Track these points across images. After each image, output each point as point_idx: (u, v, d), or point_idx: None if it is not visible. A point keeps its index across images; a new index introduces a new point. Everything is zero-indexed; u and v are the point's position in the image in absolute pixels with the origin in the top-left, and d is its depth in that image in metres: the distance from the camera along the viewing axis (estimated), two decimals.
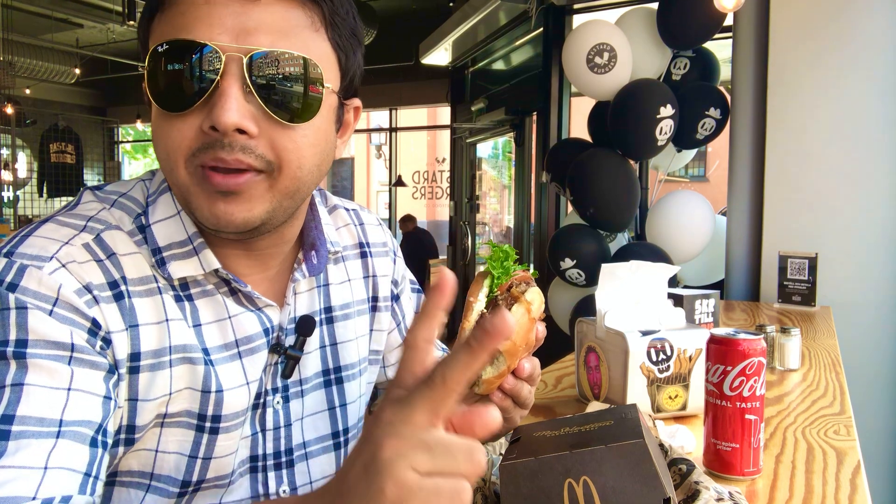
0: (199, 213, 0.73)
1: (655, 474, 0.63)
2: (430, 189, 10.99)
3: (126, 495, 0.78)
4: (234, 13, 0.70)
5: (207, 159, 0.70)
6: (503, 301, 0.73)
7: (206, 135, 0.70)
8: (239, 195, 0.72)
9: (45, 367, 0.65)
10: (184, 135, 0.71)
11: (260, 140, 0.71)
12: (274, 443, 0.87)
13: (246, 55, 0.69)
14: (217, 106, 0.69)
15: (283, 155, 0.73)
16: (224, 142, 0.69)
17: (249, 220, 0.73)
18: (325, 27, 0.76)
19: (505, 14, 6.05)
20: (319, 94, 0.74)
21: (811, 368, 1.63)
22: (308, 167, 0.76)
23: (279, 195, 0.75)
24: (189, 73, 0.69)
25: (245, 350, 0.82)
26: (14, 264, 0.68)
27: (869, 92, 2.75)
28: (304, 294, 0.90)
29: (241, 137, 0.70)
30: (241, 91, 0.70)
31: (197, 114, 0.70)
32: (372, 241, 1.03)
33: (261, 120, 0.71)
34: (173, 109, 0.71)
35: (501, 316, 0.47)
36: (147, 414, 0.75)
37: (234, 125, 0.69)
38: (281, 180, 0.74)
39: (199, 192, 0.72)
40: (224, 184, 0.71)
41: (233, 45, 0.69)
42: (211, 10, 0.70)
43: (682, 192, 3.38)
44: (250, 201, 0.73)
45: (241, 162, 0.70)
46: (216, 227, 0.74)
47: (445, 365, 0.48)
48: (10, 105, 8.67)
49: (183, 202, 0.75)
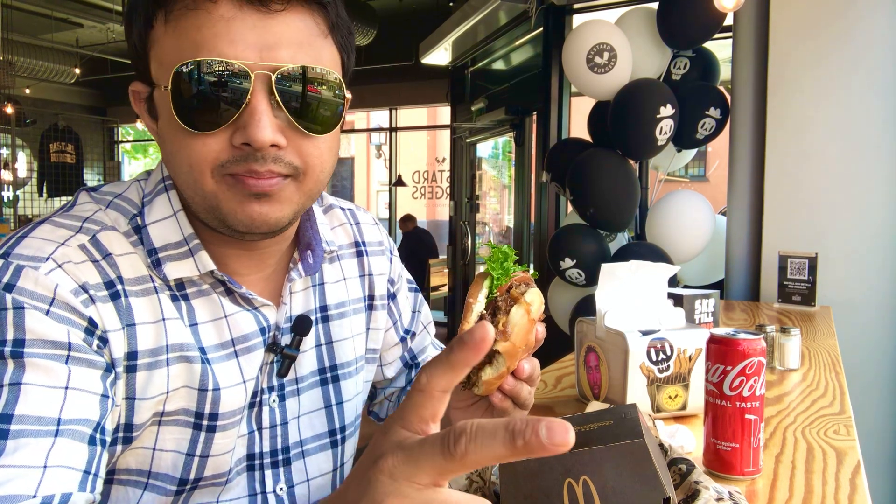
0: (232, 216, 0.74)
1: (655, 474, 0.63)
2: (430, 189, 10.99)
3: (124, 493, 0.78)
4: (253, 28, 0.71)
5: (240, 170, 0.72)
6: (503, 302, 0.73)
7: (237, 149, 0.72)
8: (271, 196, 0.74)
9: (43, 367, 0.65)
10: (210, 148, 0.72)
11: (287, 150, 0.74)
12: (271, 441, 0.87)
13: (273, 72, 0.71)
14: (251, 124, 0.70)
15: (309, 161, 0.76)
16: (257, 155, 0.72)
17: (281, 219, 0.76)
18: (331, 32, 0.77)
19: (505, 14, 6.05)
20: (341, 102, 0.77)
21: (811, 368, 1.63)
22: (329, 170, 0.80)
23: (304, 196, 0.78)
24: (218, 92, 0.70)
25: (241, 349, 0.82)
26: (11, 265, 0.68)
27: (869, 92, 2.75)
28: (299, 293, 0.90)
29: (273, 150, 0.72)
30: (270, 107, 0.72)
31: (226, 130, 0.72)
32: (368, 240, 1.03)
33: (288, 131, 0.73)
34: (201, 129, 0.71)
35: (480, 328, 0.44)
36: (144, 412, 0.75)
37: (270, 142, 0.71)
38: (306, 183, 0.77)
39: (230, 198, 0.74)
40: (258, 185, 0.73)
41: (259, 62, 0.70)
42: (230, 25, 0.70)
43: (682, 192, 3.38)
44: (281, 202, 0.75)
45: (273, 172, 0.73)
46: (249, 228, 0.75)
47: (475, 440, 0.40)
48: (10, 105, 8.66)
49: (209, 209, 0.76)
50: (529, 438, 0.38)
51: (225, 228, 0.77)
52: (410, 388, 0.46)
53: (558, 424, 0.38)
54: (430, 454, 0.41)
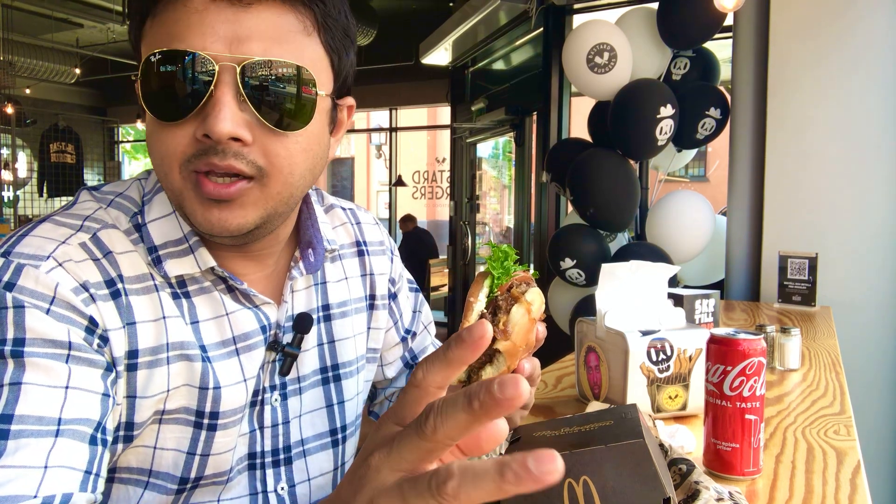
0: (193, 218, 0.74)
1: (655, 474, 0.63)
2: (430, 189, 10.98)
3: (124, 492, 0.78)
4: (226, 21, 0.70)
5: (201, 165, 0.71)
6: (503, 301, 0.73)
7: (199, 142, 0.70)
8: (232, 202, 0.73)
9: (43, 366, 0.65)
10: (178, 141, 0.71)
11: (253, 147, 0.72)
12: (272, 440, 0.87)
13: (239, 64, 0.69)
14: (211, 115, 0.69)
15: (274, 161, 0.73)
16: (217, 148, 0.70)
17: (243, 225, 0.74)
18: (317, 31, 0.75)
19: (505, 14, 6.05)
20: (313, 100, 0.74)
21: (811, 368, 1.63)
22: (299, 172, 0.76)
23: (272, 201, 0.75)
24: (183, 82, 0.69)
25: (242, 347, 0.82)
26: (11, 263, 0.68)
27: (869, 92, 2.75)
28: (301, 292, 0.91)
29: (235, 145, 0.71)
30: (235, 99, 0.70)
31: (191, 121, 0.71)
32: (369, 240, 1.03)
33: (254, 127, 0.72)
34: (167, 118, 0.71)
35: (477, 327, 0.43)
36: (145, 411, 0.75)
37: (229, 134, 0.69)
38: (272, 186, 0.74)
39: (192, 198, 0.73)
40: (216, 192, 0.71)
41: (226, 53, 0.69)
42: (203, 17, 0.70)
43: (682, 192, 3.38)
44: (244, 207, 0.73)
45: (233, 168, 0.71)
46: (210, 232, 0.74)
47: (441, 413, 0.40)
48: (10, 105, 8.66)
49: (177, 206, 0.76)
50: (484, 398, 0.38)
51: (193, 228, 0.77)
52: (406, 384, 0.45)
53: (509, 378, 0.38)
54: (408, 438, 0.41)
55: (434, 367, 0.44)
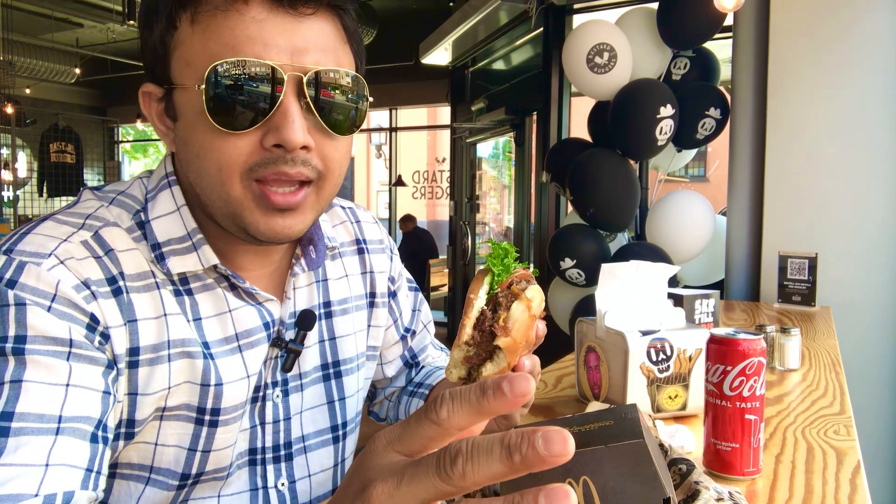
0: (254, 227, 0.76)
1: (655, 474, 0.63)
2: (430, 189, 10.98)
3: (126, 488, 0.78)
4: (283, 31, 0.72)
5: (269, 174, 0.73)
6: (504, 298, 0.74)
7: (266, 151, 0.73)
8: (296, 210, 0.76)
9: (44, 364, 0.65)
10: (240, 151, 0.73)
11: (314, 153, 0.75)
12: (273, 436, 0.87)
13: (304, 73, 0.72)
14: (283, 126, 0.71)
15: (329, 164, 0.77)
16: (287, 157, 0.73)
17: (304, 230, 0.78)
18: (348, 39, 0.79)
19: (505, 14, 6.05)
20: (365, 105, 0.79)
21: (811, 368, 1.63)
22: (344, 173, 0.81)
23: (323, 202, 0.80)
24: (252, 93, 0.71)
25: (245, 343, 0.83)
26: (13, 261, 0.69)
27: (869, 92, 2.75)
28: (303, 289, 0.91)
29: (302, 152, 0.74)
30: (301, 109, 0.73)
31: (256, 131, 0.73)
32: (368, 238, 1.04)
33: (314, 133, 0.75)
34: (233, 128, 0.72)
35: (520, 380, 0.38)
36: (146, 408, 0.75)
37: (302, 143, 0.72)
38: (325, 188, 0.78)
39: (254, 209, 0.75)
40: (286, 202, 0.74)
41: (290, 64, 0.72)
42: (262, 27, 0.71)
43: (682, 192, 3.38)
44: (304, 213, 0.77)
45: (302, 174, 0.74)
46: (271, 239, 0.77)
47: (473, 461, 0.36)
48: (10, 105, 8.66)
49: (231, 216, 0.76)
50: (526, 453, 0.36)
51: (244, 235, 0.77)
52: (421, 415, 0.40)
53: (556, 433, 0.36)
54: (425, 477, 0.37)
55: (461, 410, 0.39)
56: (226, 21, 0.71)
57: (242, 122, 0.72)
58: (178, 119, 0.77)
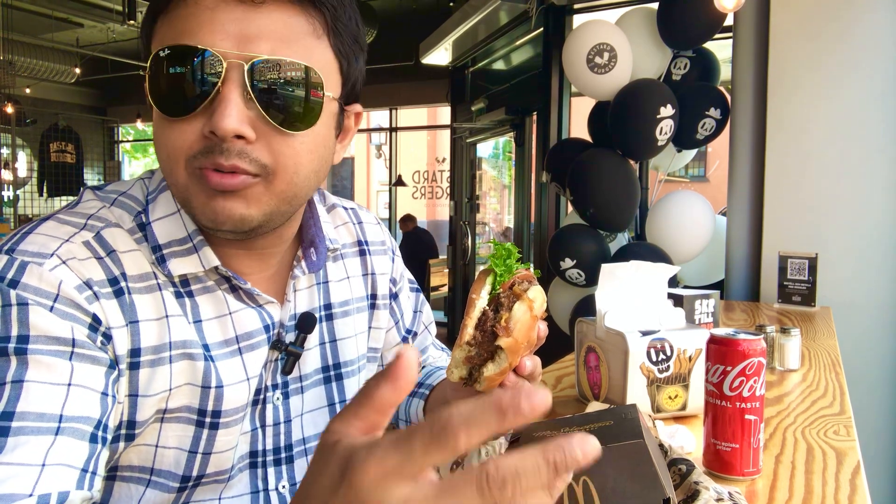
0: (198, 211, 0.74)
1: (655, 474, 0.63)
2: (430, 189, 10.98)
3: (126, 490, 0.78)
4: (236, 19, 0.70)
5: (206, 163, 0.71)
6: (505, 298, 0.74)
7: (206, 139, 0.71)
8: (236, 194, 0.73)
9: (46, 363, 0.65)
10: (185, 138, 0.72)
11: (257, 145, 0.72)
12: (273, 438, 0.87)
13: (247, 62, 0.70)
14: (217, 112, 0.69)
15: (279, 160, 0.74)
16: (222, 146, 0.70)
17: (247, 217, 0.74)
18: (327, 34, 0.76)
19: (505, 14, 6.05)
20: (319, 101, 0.75)
21: (811, 368, 1.63)
22: (305, 173, 0.77)
23: (276, 199, 0.75)
24: (191, 79, 0.70)
25: (245, 346, 0.82)
26: (15, 261, 0.69)
27: (869, 92, 2.75)
28: (303, 291, 0.91)
29: (239, 142, 0.71)
30: (242, 97, 0.71)
31: (199, 118, 0.71)
32: (370, 240, 1.03)
33: (260, 125, 0.72)
34: (174, 114, 0.71)
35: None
36: (147, 409, 0.75)
37: (234, 131, 0.70)
38: (277, 184, 0.75)
39: (197, 192, 0.73)
40: (220, 183, 0.72)
41: (234, 51, 0.70)
42: (214, 15, 0.70)
43: (682, 192, 3.38)
44: (247, 200, 0.74)
45: (236, 167, 0.71)
46: (214, 224, 0.74)
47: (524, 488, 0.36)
48: (10, 104, 8.66)
49: (182, 202, 0.76)
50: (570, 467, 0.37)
51: (198, 223, 0.77)
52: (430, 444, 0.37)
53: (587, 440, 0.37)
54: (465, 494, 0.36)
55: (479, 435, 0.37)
56: (184, 10, 0.71)
57: (184, 108, 0.71)
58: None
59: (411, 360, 0.41)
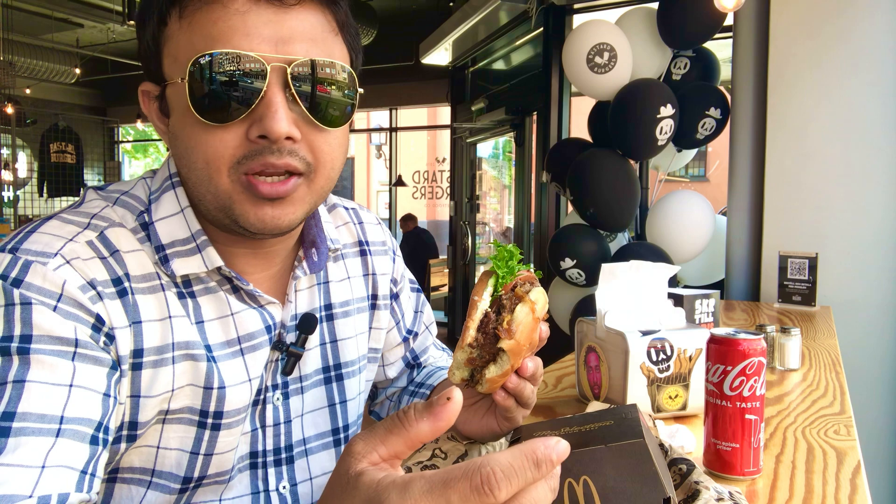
0: (244, 218, 0.75)
1: (655, 474, 0.63)
2: (430, 189, 10.98)
3: (127, 492, 0.78)
4: (268, 22, 0.72)
5: (255, 165, 0.72)
6: (507, 300, 0.74)
7: (252, 143, 0.72)
8: (285, 200, 0.75)
9: (48, 363, 0.65)
10: (227, 144, 0.72)
11: (301, 144, 0.74)
12: (274, 439, 0.87)
13: (288, 64, 0.72)
14: (267, 116, 0.71)
15: (320, 157, 0.76)
16: (273, 148, 0.72)
17: (294, 221, 0.77)
18: (340, 30, 0.79)
19: (505, 14, 6.05)
20: (354, 97, 0.78)
21: (811, 368, 1.63)
22: (338, 167, 0.80)
23: (315, 195, 0.79)
24: (235, 84, 0.71)
25: (247, 347, 0.82)
26: (19, 260, 0.68)
27: (869, 92, 2.75)
28: (304, 291, 0.91)
29: (288, 143, 0.73)
30: (286, 99, 0.72)
31: (241, 123, 0.72)
32: (371, 240, 1.03)
33: (301, 125, 0.74)
34: (217, 121, 0.72)
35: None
36: (149, 410, 0.75)
37: (286, 133, 0.72)
38: (317, 181, 0.77)
39: (244, 200, 0.74)
40: (273, 191, 0.73)
41: (273, 54, 0.71)
42: (245, 19, 0.71)
43: (682, 192, 3.38)
44: (294, 204, 0.76)
45: (290, 165, 0.73)
46: (261, 230, 0.76)
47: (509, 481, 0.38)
48: (10, 105, 8.66)
49: (221, 209, 0.76)
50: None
51: (236, 227, 0.77)
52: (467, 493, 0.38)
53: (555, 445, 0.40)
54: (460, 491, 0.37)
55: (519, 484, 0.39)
56: (210, 14, 0.71)
57: (227, 114, 0.71)
58: (170, 115, 0.77)
59: (458, 405, 0.42)
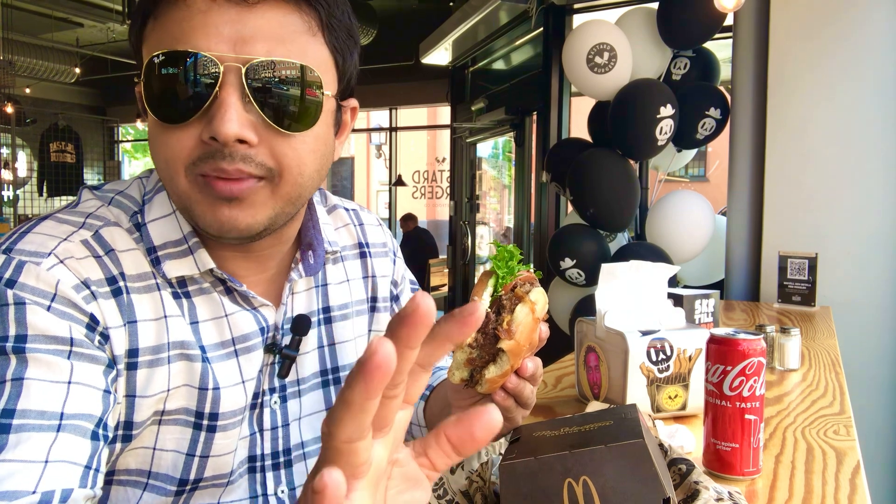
0: (202, 219, 0.73)
1: (655, 474, 0.63)
2: (430, 189, 10.99)
3: (123, 494, 0.78)
4: (230, 21, 0.69)
5: (208, 169, 0.70)
6: (507, 301, 0.74)
7: (206, 144, 0.70)
8: (242, 201, 0.72)
9: (45, 361, 0.65)
10: (183, 144, 0.71)
11: (260, 148, 0.71)
12: (272, 443, 0.87)
13: (244, 64, 0.69)
14: (217, 116, 0.68)
15: (283, 162, 0.73)
16: (225, 151, 0.69)
17: (253, 225, 0.73)
18: (322, 31, 0.75)
19: (505, 14, 6.05)
20: (319, 100, 0.74)
21: (811, 368, 1.63)
22: (308, 173, 0.76)
23: (281, 201, 0.75)
24: (187, 84, 0.69)
25: (241, 349, 0.82)
26: (12, 260, 0.68)
27: (869, 92, 2.75)
28: (301, 294, 0.90)
29: (242, 147, 0.70)
30: (241, 100, 0.69)
31: (196, 123, 0.70)
32: (371, 242, 1.03)
33: (260, 128, 0.71)
34: (171, 121, 0.70)
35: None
36: (145, 410, 0.75)
37: (235, 136, 0.68)
38: (282, 186, 0.74)
39: (200, 200, 0.72)
40: (227, 189, 0.71)
41: (230, 54, 0.69)
42: (207, 18, 0.69)
43: (682, 192, 3.38)
44: (253, 206, 0.73)
45: (242, 171, 0.70)
46: (220, 233, 0.73)
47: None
48: (10, 104, 8.66)
49: (183, 210, 0.75)
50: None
51: (199, 229, 0.76)
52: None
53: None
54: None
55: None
56: (176, 13, 0.70)
57: (181, 114, 0.69)
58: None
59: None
